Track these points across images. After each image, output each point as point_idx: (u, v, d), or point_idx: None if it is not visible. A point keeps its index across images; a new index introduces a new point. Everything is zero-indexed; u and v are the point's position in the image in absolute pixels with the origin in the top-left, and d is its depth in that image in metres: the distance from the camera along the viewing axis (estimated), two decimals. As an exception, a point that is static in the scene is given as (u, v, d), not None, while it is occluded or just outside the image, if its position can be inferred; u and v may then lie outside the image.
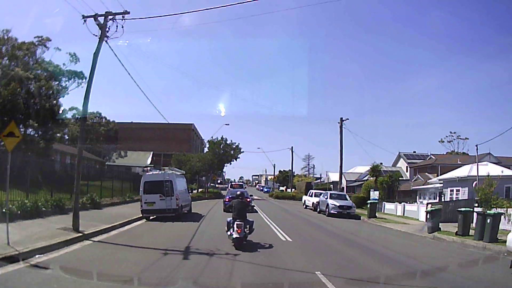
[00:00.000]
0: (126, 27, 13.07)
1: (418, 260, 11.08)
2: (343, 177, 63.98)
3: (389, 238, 17.03)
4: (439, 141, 75.06)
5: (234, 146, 46.19)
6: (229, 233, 11.15)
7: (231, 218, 11.23)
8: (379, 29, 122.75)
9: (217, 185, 74.48)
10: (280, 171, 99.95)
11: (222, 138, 46.12)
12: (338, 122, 37.76)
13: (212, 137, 46.31)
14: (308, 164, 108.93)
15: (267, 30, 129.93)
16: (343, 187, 62.45)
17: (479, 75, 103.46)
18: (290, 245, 12.41)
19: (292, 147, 57.50)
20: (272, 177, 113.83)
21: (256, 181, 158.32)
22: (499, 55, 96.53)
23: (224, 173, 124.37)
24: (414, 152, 67.40)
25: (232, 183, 60.04)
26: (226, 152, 45.71)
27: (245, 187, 53.59)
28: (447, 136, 71.75)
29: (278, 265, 8.91)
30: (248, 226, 11.20)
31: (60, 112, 27.55)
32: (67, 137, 45.20)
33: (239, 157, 46.67)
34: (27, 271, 7.42)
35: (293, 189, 69.09)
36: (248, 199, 19.37)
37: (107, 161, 59.38)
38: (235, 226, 10.76)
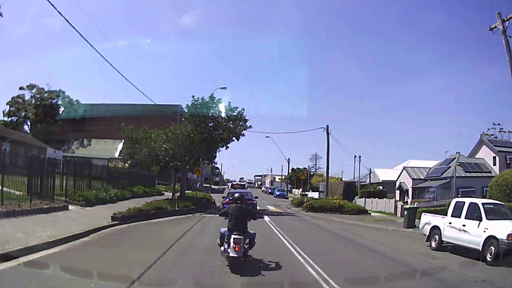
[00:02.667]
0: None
1: None
2: (406, 175, 42.70)
3: None
4: (481, 134, 64.28)
5: (235, 113, 24.85)
6: (223, 248, 8.43)
7: (226, 229, 8.47)
8: (379, 30, 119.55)
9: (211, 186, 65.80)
10: (293, 169, 78.54)
11: (212, 98, 24.71)
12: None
13: (193, 97, 25.04)
14: (316, 164, 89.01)
15: (267, 30, 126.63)
16: (407, 189, 41.02)
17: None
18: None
19: (327, 126, 35.95)
20: (283, 177, 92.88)
21: (259, 182, 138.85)
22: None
23: (218, 167, 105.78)
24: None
25: (234, 183, 49.89)
26: (219, 123, 24.27)
27: (247, 187, 46.98)
28: (489, 129, 60.57)
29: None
30: (248, 240, 8.42)
31: None
32: None
33: (243, 134, 25.48)
34: None
35: (319, 192, 48.02)
36: (254, 201, 16.48)
37: (65, 151, 49.89)
38: (231, 240, 7.87)
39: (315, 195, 48.42)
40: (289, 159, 62.97)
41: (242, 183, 68.26)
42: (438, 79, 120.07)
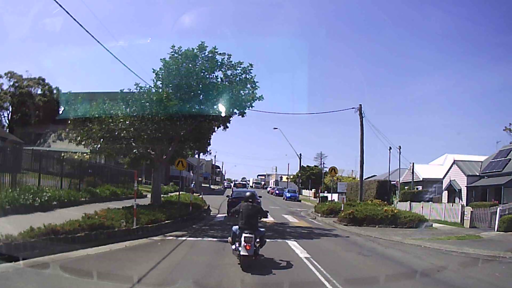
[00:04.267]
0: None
1: None
2: (457, 171, 33.38)
3: None
4: (503, 129, 56.60)
5: (238, 71, 15.73)
6: (234, 247, 8.42)
7: (237, 227, 8.57)
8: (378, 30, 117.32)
9: (212, 186, 66.92)
10: (303, 168, 69.25)
11: (202, 47, 15.50)
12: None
13: (173, 47, 15.71)
14: (322, 164, 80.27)
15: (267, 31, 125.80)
16: (458, 189, 31.79)
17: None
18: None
19: (360, 105, 26.86)
20: (291, 176, 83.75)
21: (263, 182, 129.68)
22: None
23: (218, 166, 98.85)
24: None
25: (236, 183, 52.11)
26: (214, 86, 15.09)
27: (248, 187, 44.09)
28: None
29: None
30: (259, 238, 8.34)
31: None
32: None
33: (252, 106, 16.36)
34: None
35: (338, 194, 38.90)
36: (257, 200, 12.09)
37: (41, 145, 44.16)
38: (242, 239, 7.96)
39: (331, 197, 39.50)
40: (300, 154, 53.89)
41: (243, 182, 66.15)
42: (429, 83, 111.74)
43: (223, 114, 15.63)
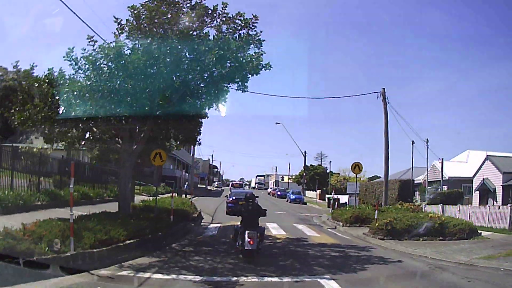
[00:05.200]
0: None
1: None
2: (491, 167, 28.93)
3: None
4: None
5: (239, 21, 11.29)
6: (237, 243, 9.50)
7: (239, 225, 9.47)
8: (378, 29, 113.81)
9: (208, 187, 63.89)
10: (306, 167, 64.62)
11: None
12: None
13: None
14: (321, 164, 75.94)
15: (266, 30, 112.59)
16: (493, 189, 27.34)
17: None
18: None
19: (383, 89, 22.41)
20: (293, 176, 79.20)
21: (263, 183, 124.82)
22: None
23: (216, 165, 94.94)
24: None
25: (233, 183, 53.87)
26: (205, 38, 10.57)
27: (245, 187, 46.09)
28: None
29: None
30: (259, 234, 9.21)
31: None
32: None
33: (258, 73, 11.98)
34: None
35: (349, 196, 34.39)
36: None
37: (23, 141, 38.83)
38: (246, 236, 8.85)
39: (341, 198, 35.02)
40: (305, 152, 49.29)
41: (240, 183, 67.81)
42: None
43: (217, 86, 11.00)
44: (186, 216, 15.14)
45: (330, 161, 71.90)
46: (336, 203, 30.37)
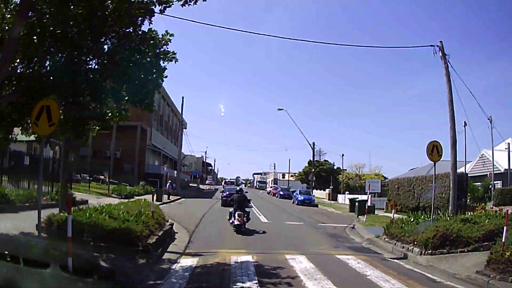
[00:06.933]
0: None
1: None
2: None
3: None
4: None
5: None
6: (230, 221, 14.35)
7: (233, 209, 14.39)
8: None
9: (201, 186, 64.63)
10: (310, 163, 57.11)
11: None
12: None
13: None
14: (319, 159, 68.94)
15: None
16: None
17: None
18: None
19: (441, 42, 15.16)
20: (295, 174, 71.91)
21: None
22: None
23: (210, 163, 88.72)
24: None
25: (225, 181, 65.60)
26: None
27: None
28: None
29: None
30: (246, 215, 14.27)
31: None
32: None
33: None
34: None
35: (368, 196, 27.44)
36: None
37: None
38: (236, 215, 13.83)
39: (353, 198, 27.83)
40: (313, 143, 41.80)
41: (232, 180, 73.51)
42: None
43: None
44: (129, 243, 7.62)
45: (343, 154, 64.20)
46: (364, 206, 22.98)
